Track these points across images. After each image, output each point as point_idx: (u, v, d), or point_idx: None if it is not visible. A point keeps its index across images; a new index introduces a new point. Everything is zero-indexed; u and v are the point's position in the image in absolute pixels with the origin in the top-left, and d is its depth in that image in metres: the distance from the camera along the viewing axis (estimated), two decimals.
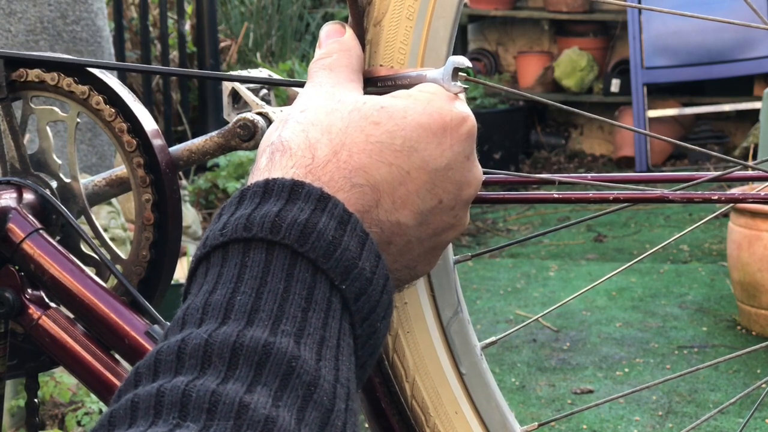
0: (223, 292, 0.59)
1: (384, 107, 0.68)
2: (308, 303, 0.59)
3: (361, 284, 0.62)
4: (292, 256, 0.60)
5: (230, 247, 0.61)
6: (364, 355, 0.63)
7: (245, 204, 0.63)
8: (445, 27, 0.79)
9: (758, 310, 3.68)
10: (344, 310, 0.61)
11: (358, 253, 0.62)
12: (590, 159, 6.87)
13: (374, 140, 0.67)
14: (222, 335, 0.57)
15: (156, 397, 0.54)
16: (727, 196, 0.86)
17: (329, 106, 0.69)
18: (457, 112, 0.70)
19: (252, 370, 0.55)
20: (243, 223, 0.61)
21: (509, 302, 4.10)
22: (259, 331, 0.57)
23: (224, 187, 4.15)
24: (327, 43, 0.75)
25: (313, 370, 0.57)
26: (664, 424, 3.02)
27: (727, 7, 5.63)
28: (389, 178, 0.67)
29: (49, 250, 0.94)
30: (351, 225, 0.63)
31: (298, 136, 0.67)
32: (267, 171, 0.66)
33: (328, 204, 0.63)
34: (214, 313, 0.58)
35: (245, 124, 0.96)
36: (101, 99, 0.97)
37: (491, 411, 0.90)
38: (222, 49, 5.54)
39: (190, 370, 0.55)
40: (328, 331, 0.59)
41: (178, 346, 0.57)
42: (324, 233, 0.61)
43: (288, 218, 0.61)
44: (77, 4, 3.53)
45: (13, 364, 0.98)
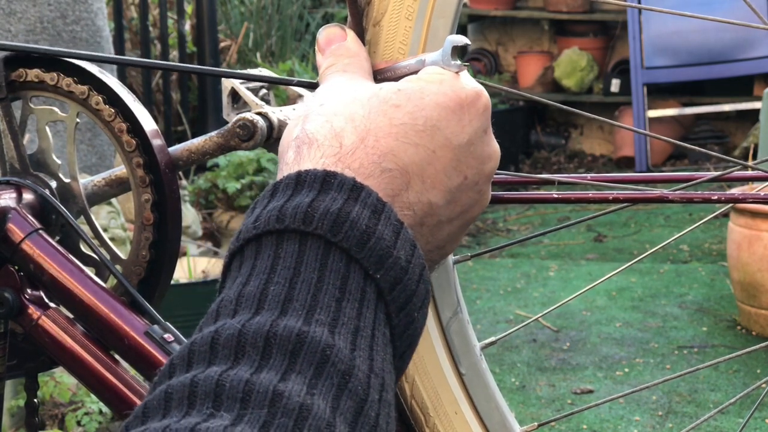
0: (257, 283, 0.59)
1: (401, 89, 0.68)
2: (342, 293, 0.59)
3: (397, 273, 0.61)
4: (325, 246, 0.60)
5: (263, 239, 0.61)
6: (402, 346, 0.63)
7: (278, 196, 0.63)
8: (445, 27, 0.79)
9: (758, 310, 3.68)
10: (379, 300, 0.61)
11: (392, 241, 0.62)
12: (590, 159, 6.87)
13: (398, 122, 0.67)
14: (255, 325, 0.56)
15: (189, 387, 0.54)
16: (727, 196, 0.86)
17: (347, 97, 0.69)
18: (471, 89, 0.70)
19: (286, 358, 0.55)
20: (275, 215, 0.61)
21: (509, 302, 4.10)
22: (293, 320, 0.57)
23: (224, 187, 4.15)
24: (330, 49, 0.75)
25: (348, 359, 0.56)
26: (664, 424, 3.02)
27: (727, 7, 5.63)
28: (417, 159, 0.67)
29: (48, 251, 0.94)
30: (385, 214, 0.62)
31: (323, 127, 0.67)
32: (296, 164, 0.66)
33: (361, 193, 0.62)
34: (248, 304, 0.58)
35: (245, 124, 0.96)
36: (101, 99, 0.97)
37: (491, 411, 0.90)
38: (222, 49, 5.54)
39: (224, 360, 0.55)
40: (362, 321, 0.59)
41: (212, 336, 0.57)
42: (357, 222, 0.61)
43: (320, 208, 0.61)
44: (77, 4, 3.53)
45: (12, 364, 0.98)
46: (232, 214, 4.22)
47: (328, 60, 0.75)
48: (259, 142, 0.97)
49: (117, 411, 0.94)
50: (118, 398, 0.92)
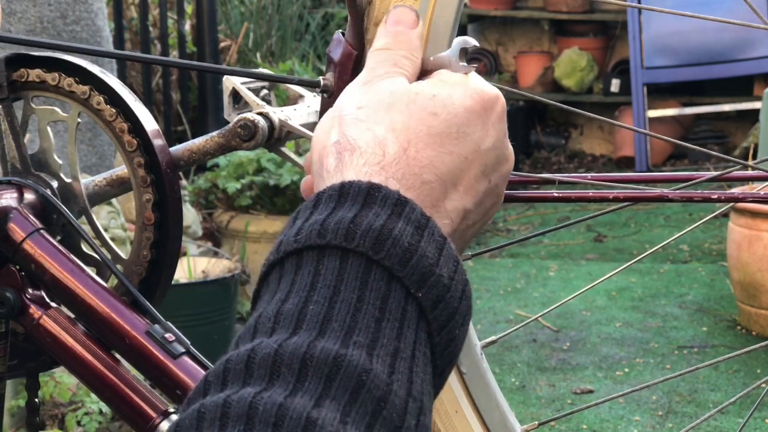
0: (296, 301, 0.58)
1: (435, 96, 0.68)
2: (382, 313, 0.58)
3: (439, 291, 0.60)
4: (366, 264, 0.59)
5: (304, 254, 0.60)
6: (443, 364, 0.62)
7: (320, 209, 0.62)
8: (446, 26, 0.79)
9: (758, 310, 3.68)
10: (420, 319, 0.60)
11: (435, 258, 0.61)
12: (590, 159, 6.87)
13: (435, 132, 0.67)
14: (292, 345, 0.56)
15: (222, 407, 0.53)
16: (727, 196, 0.87)
17: (386, 101, 0.68)
18: (491, 92, 0.71)
19: (321, 382, 0.54)
20: (317, 229, 0.60)
21: (509, 302, 4.10)
22: (331, 342, 0.56)
23: (224, 187, 4.15)
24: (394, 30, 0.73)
25: (385, 384, 0.55)
26: (664, 424, 3.02)
27: (727, 7, 5.63)
28: (453, 167, 0.67)
29: (49, 250, 0.94)
30: (429, 230, 0.62)
31: (364, 134, 0.66)
32: (339, 172, 0.65)
33: (405, 208, 0.61)
34: (286, 323, 0.57)
35: (246, 124, 0.96)
36: (102, 99, 0.97)
37: (491, 410, 0.90)
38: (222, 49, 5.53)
39: (259, 381, 0.55)
40: (402, 342, 0.58)
41: (248, 355, 0.56)
42: (400, 239, 0.60)
43: (363, 224, 0.60)
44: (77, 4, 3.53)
45: (13, 363, 0.98)
46: (232, 214, 4.22)
47: (385, 41, 0.73)
48: (260, 142, 0.97)
49: (117, 411, 0.94)
50: (119, 398, 0.92)
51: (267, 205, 4.17)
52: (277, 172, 4.10)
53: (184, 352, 0.91)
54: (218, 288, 3.33)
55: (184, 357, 0.91)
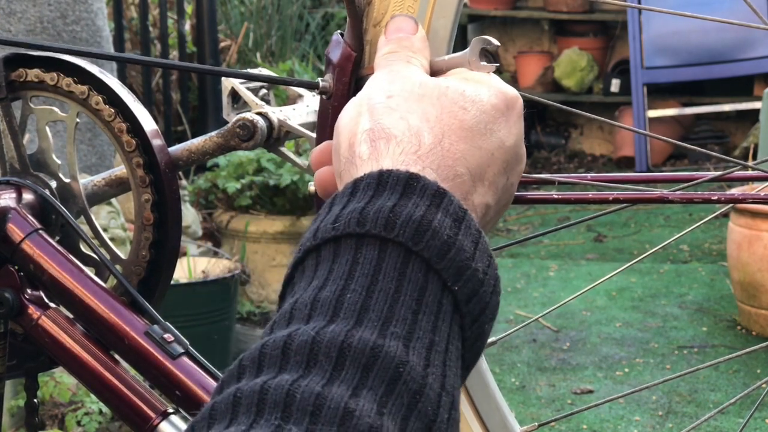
0: (333, 288, 0.58)
1: (464, 91, 0.68)
2: (419, 305, 0.58)
3: (474, 285, 0.61)
4: (405, 255, 0.59)
5: (342, 242, 0.60)
6: (470, 358, 0.62)
7: (358, 196, 0.61)
8: (445, 27, 0.79)
9: (758, 310, 3.68)
10: (455, 312, 0.60)
11: (472, 252, 0.61)
12: (590, 159, 6.87)
13: (467, 126, 0.67)
14: (330, 334, 0.55)
15: (259, 394, 0.53)
16: (727, 197, 0.86)
17: (416, 92, 0.68)
18: (512, 92, 0.71)
19: (358, 372, 0.54)
20: (356, 217, 0.60)
21: (509, 302, 4.10)
22: (368, 332, 0.56)
23: (224, 187, 4.15)
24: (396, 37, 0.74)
25: (420, 377, 0.55)
26: (664, 424, 3.02)
27: (727, 7, 5.63)
28: (481, 162, 0.67)
29: (48, 250, 0.94)
30: (466, 222, 0.61)
31: (399, 123, 0.66)
32: (374, 160, 0.64)
33: (443, 200, 0.61)
34: (323, 310, 0.57)
35: (245, 124, 0.96)
36: (101, 99, 0.97)
37: (491, 411, 0.90)
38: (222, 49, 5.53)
39: (295, 368, 0.54)
40: (437, 335, 0.58)
41: (284, 341, 0.55)
42: (439, 231, 0.60)
43: (403, 214, 0.60)
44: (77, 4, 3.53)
45: (12, 364, 0.98)
46: (232, 214, 4.22)
47: (390, 46, 0.73)
48: (259, 142, 0.97)
49: (116, 411, 0.94)
50: (118, 398, 0.92)
51: (267, 205, 4.17)
52: (277, 172, 4.10)
53: (183, 353, 0.91)
54: (218, 288, 3.33)
55: (183, 357, 0.91)
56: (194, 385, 0.89)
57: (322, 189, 0.73)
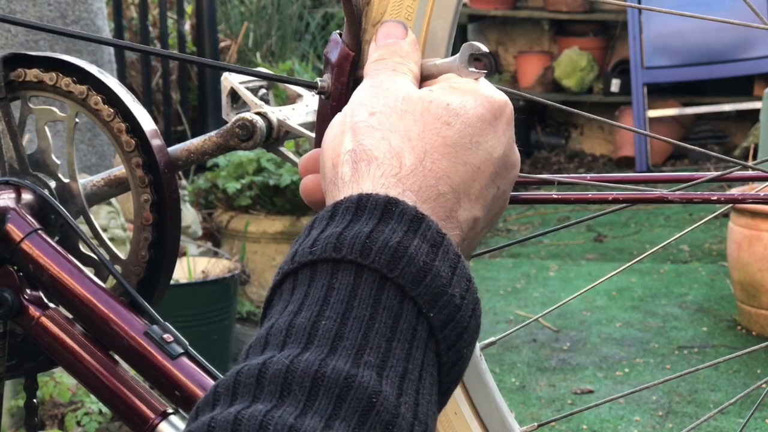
0: (308, 314, 0.58)
1: (449, 104, 0.68)
2: (393, 332, 0.58)
3: (450, 311, 0.60)
4: (380, 281, 0.59)
5: (319, 267, 0.60)
6: (448, 382, 0.62)
7: (337, 220, 0.61)
8: (444, 27, 0.79)
9: (758, 310, 3.68)
10: (430, 339, 0.59)
11: (449, 278, 0.61)
12: (590, 159, 6.87)
13: (450, 142, 0.66)
14: (304, 363, 0.55)
15: (233, 425, 0.53)
16: (727, 197, 0.86)
17: (399, 108, 0.67)
18: (500, 99, 0.70)
19: (332, 402, 0.54)
20: (333, 242, 0.60)
21: (509, 302, 4.10)
22: (342, 361, 0.56)
23: (224, 187, 4.15)
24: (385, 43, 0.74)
25: (393, 407, 0.55)
26: (664, 424, 3.02)
27: (727, 7, 5.63)
28: (465, 177, 0.66)
29: (47, 251, 0.94)
30: (443, 248, 0.61)
31: (381, 144, 0.65)
32: (355, 182, 0.64)
33: (421, 225, 0.61)
34: (298, 337, 0.57)
35: (244, 124, 0.96)
36: (100, 99, 0.97)
37: (491, 411, 0.90)
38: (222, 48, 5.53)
39: (269, 398, 0.54)
40: (411, 363, 0.58)
41: (259, 369, 0.56)
42: (415, 258, 0.60)
43: (379, 240, 0.60)
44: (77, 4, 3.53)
45: (12, 364, 0.98)
46: (231, 214, 4.22)
47: (378, 53, 0.73)
48: (258, 142, 0.97)
49: (116, 411, 0.94)
50: (118, 399, 0.92)
51: (267, 205, 4.17)
52: (276, 172, 4.10)
53: (182, 353, 0.91)
54: (218, 288, 3.33)
55: (183, 358, 0.91)
56: (194, 385, 0.89)
57: (307, 197, 0.73)
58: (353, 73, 0.80)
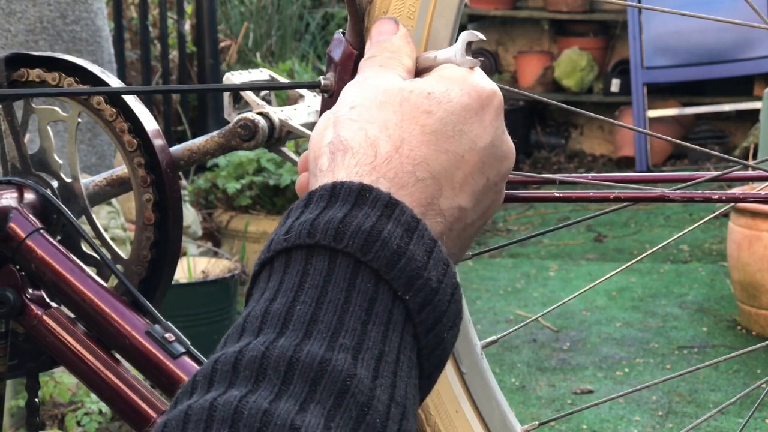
0: (283, 300, 0.58)
1: (430, 93, 0.68)
2: (368, 315, 0.58)
3: (426, 294, 0.60)
4: (354, 265, 0.59)
5: (293, 253, 0.60)
6: (430, 366, 0.62)
7: (311, 208, 0.62)
8: (446, 27, 0.79)
9: (758, 310, 3.68)
10: (407, 322, 0.60)
11: (424, 261, 0.61)
12: (590, 159, 6.87)
13: (429, 130, 0.66)
14: (279, 348, 0.56)
15: (209, 411, 0.53)
16: (728, 196, 0.86)
17: (378, 100, 0.68)
18: (489, 88, 0.70)
19: (306, 386, 0.55)
20: (307, 228, 0.60)
21: (509, 302, 4.10)
22: (317, 345, 0.56)
23: (224, 187, 4.15)
24: (377, 40, 0.74)
25: (368, 389, 0.56)
26: (664, 424, 3.03)
27: (727, 7, 5.63)
28: (447, 165, 0.66)
29: (49, 250, 0.94)
30: (419, 232, 0.61)
31: (357, 134, 0.66)
32: (331, 172, 0.65)
33: (395, 210, 0.61)
34: (273, 323, 0.58)
35: (246, 124, 0.96)
36: (102, 99, 0.97)
37: (492, 410, 0.90)
38: (222, 48, 5.53)
39: (244, 383, 0.55)
40: (387, 345, 0.58)
41: (235, 356, 0.56)
42: (389, 241, 0.60)
43: (352, 225, 0.60)
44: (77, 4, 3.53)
45: (13, 363, 0.98)
46: (232, 214, 4.22)
47: (371, 51, 0.73)
48: (260, 142, 0.97)
49: (117, 411, 0.94)
50: (119, 398, 0.92)
51: (267, 205, 4.17)
52: (277, 172, 4.10)
53: (183, 352, 0.91)
54: (218, 288, 3.33)
55: (184, 357, 0.91)
56: None
57: (300, 193, 0.74)
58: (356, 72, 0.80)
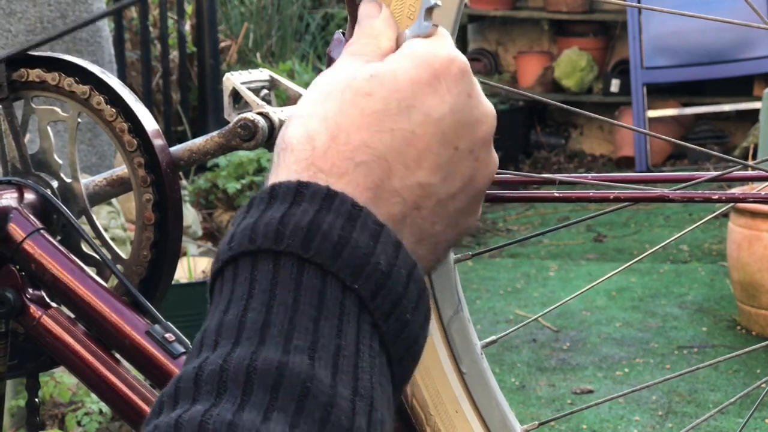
0: (236, 311, 0.58)
1: (374, 75, 0.66)
2: (319, 311, 0.57)
3: (377, 279, 0.59)
4: (298, 264, 0.58)
5: (240, 262, 0.60)
6: (398, 351, 0.60)
7: (252, 212, 0.61)
8: (446, 26, 0.79)
9: (758, 310, 3.69)
10: (362, 311, 0.59)
11: (370, 247, 0.59)
12: (590, 159, 6.87)
13: (369, 112, 0.64)
14: (236, 359, 0.56)
15: (174, 428, 0.53)
16: (728, 196, 0.87)
17: (324, 92, 0.66)
18: (443, 56, 0.67)
19: (267, 394, 0.54)
20: (248, 234, 0.60)
21: (509, 302, 4.10)
22: (272, 350, 0.56)
23: (224, 187, 4.15)
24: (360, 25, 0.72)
25: (329, 388, 0.55)
26: (664, 424, 3.03)
27: (727, 7, 5.63)
28: (394, 144, 0.64)
29: (49, 250, 0.94)
30: (361, 219, 0.60)
31: (298, 131, 0.65)
32: (274, 173, 0.64)
33: (334, 201, 0.60)
34: (228, 334, 0.57)
35: (246, 124, 0.96)
36: (102, 99, 0.97)
37: (492, 410, 0.90)
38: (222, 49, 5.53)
39: (207, 397, 0.55)
40: (343, 339, 0.57)
41: (195, 372, 0.56)
42: (329, 234, 0.59)
43: (291, 224, 0.59)
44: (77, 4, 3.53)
45: (13, 363, 0.98)
46: (232, 214, 4.22)
47: (353, 38, 0.71)
48: (260, 142, 0.97)
49: (118, 411, 0.94)
50: (119, 398, 0.92)
51: None
52: None
53: (184, 352, 0.91)
54: None
55: (184, 357, 0.91)
56: None
57: None
58: None
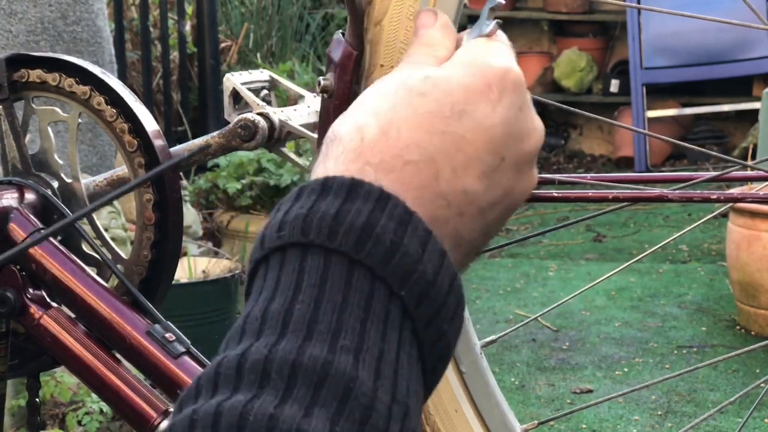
0: (282, 300, 0.58)
1: (428, 76, 0.66)
2: (366, 313, 0.58)
3: (422, 288, 0.60)
4: (349, 264, 0.59)
5: (288, 251, 0.60)
6: (432, 360, 0.61)
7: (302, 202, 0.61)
8: None
9: (757, 310, 3.69)
10: (404, 318, 0.59)
11: (418, 255, 0.60)
12: (589, 159, 6.87)
13: (422, 111, 0.64)
14: (282, 351, 0.56)
15: (214, 416, 0.53)
16: (727, 196, 0.87)
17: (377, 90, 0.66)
18: (498, 66, 0.68)
19: (310, 390, 0.55)
20: (300, 225, 0.59)
21: (508, 302, 4.10)
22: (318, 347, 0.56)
23: (224, 188, 4.15)
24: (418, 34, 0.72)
25: (371, 391, 0.56)
26: (664, 423, 3.03)
27: (726, 7, 5.63)
28: (444, 147, 0.64)
29: (50, 250, 0.94)
30: (412, 225, 0.60)
31: (348, 124, 0.65)
32: (322, 164, 0.64)
33: (387, 204, 0.60)
34: (273, 324, 0.57)
35: (246, 125, 0.97)
36: (102, 99, 0.97)
37: (491, 409, 0.90)
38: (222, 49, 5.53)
39: (249, 387, 0.55)
40: (386, 344, 0.58)
41: (238, 360, 0.56)
42: (382, 237, 0.59)
43: (345, 222, 0.59)
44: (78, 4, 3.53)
45: (14, 363, 0.98)
46: (232, 214, 4.22)
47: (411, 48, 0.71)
48: (260, 142, 0.97)
49: (118, 411, 0.94)
50: (120, 398, 0.93)
51: (267, 206, 4.17)
52: (277, 173, 4.11)
53: (184, 352, 0.91)
54: (218, 288, 3.33)
55: (185, 357, 0.91)
56: None
57: None
58: (356, 72, 0.81)
